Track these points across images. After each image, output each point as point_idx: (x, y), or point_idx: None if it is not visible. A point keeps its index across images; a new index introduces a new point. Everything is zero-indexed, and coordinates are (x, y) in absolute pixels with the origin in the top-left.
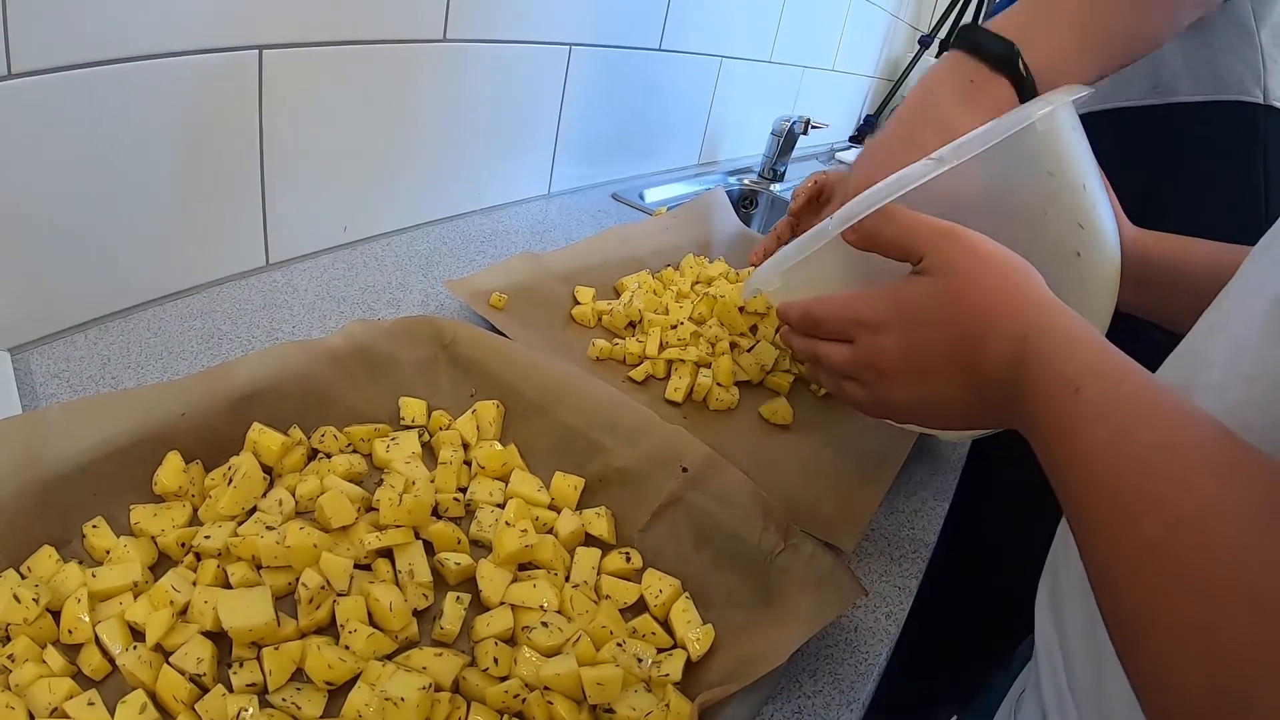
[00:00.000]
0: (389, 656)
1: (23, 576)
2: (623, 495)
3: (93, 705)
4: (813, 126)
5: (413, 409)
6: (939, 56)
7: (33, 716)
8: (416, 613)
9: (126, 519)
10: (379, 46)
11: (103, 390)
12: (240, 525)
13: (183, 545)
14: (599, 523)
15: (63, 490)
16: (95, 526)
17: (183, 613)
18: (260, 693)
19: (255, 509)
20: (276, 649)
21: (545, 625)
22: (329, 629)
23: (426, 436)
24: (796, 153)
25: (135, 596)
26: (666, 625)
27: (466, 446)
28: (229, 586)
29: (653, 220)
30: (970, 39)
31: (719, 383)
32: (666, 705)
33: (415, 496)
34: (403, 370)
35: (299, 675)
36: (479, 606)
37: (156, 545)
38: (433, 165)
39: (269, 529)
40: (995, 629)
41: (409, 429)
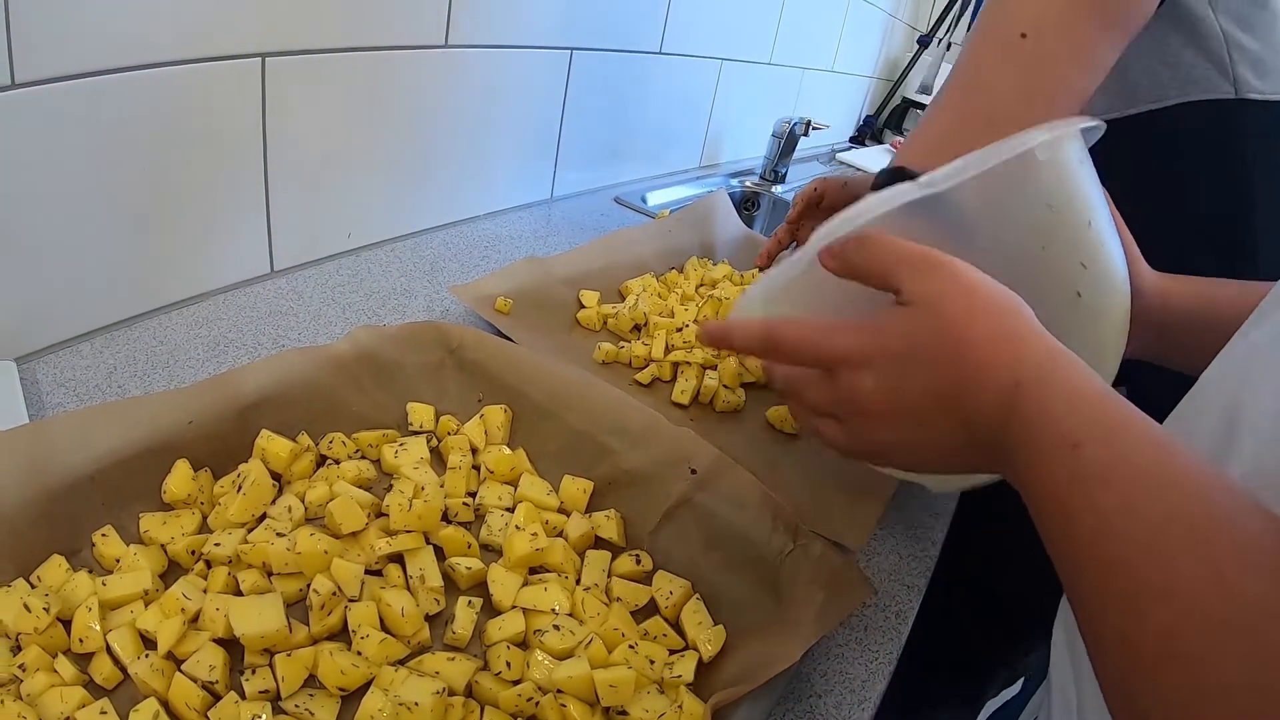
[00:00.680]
0: (401, 662)
1: (33, 586)
2: (632, 498)
3: (105, 714)
4: (813, 128)
5: (420, 414)
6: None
7: None
8: (428, 618)
9: (136, 527)
10: (381, 53)
11: (109, 399)
12: (250, 532)
13: (193, 553)
14: (608, 525)
15: (71, 499)
16: (104, 535)
17: (194, 620)
18: (273, 699)
19: (265, 516)
20: (289, 655)
21: (557, 628)
22: (341, 635)
23: (435, 442)
24: (797, 154)
25: (146, 605)
26: (678, 627)
27: (475, 451)
28: (240, 594)
29: (656, 223)
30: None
31: (725, 385)
32: (679, 707)
33: (425, 501)
34: (410, 376)
35: (311, 681)
36: (490, 611)
37: (166, 553)
38: (436, 171)
39: (279, 536)
40: (1000, 630)
41: (417, 434)
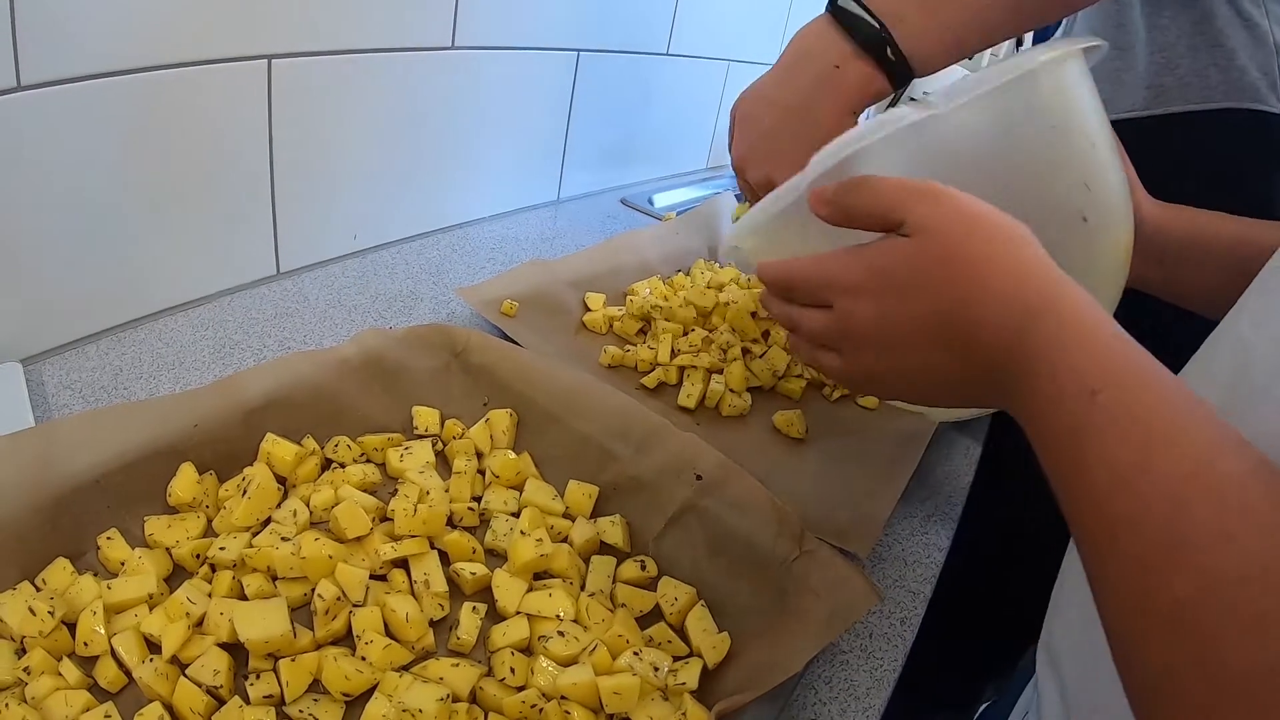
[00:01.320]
0: (406, 667)
1: (37, 589)
2: (637, 503)
3: (109, 718)
4: None
5: (426, 418)
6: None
7: None
8: (433, 623)
9: (141, 530)
10: (387, 55)
11: (115, 401)
12: (255, 536)
13: (198, 557)
14: (613, 531)
15: (77, 502)
16: (109, 538)
17: (198, 624)
18: (277, 704)
19: (270, 520)
20: (293, 660)
21: (561, 634)
22: (345, 640)
23: (440, 445)
24: None
25: (150, 608)
26: (682, 633)
27: (480, 455)
28: (244, 598)
29: (661, 226)
30: (844, 11)
31: (731, 389)
32: (683, 714)
33: (430, 506)
34: (415, 379)
35: (316, 687)
36: (495, 616)
37: (171, 557)
38: (441, 173)
39: (284, 540)
40: (998, 637)
41: (422, 438)
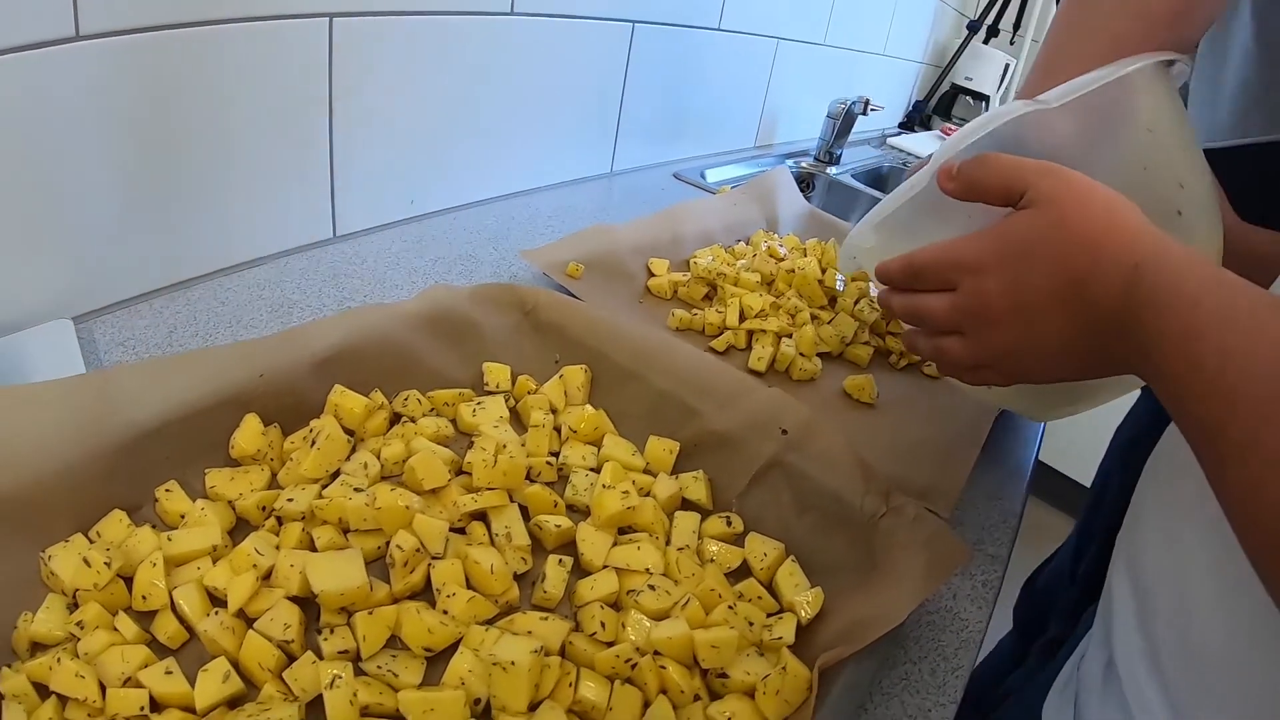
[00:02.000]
0: (489, 622)
1: (91, 542)
2: (719, 459)
3: (170, 674)
4: (871, 108)
5: (497, 374)
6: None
7: (104, 687)
8: (515, 577)
9: (201, 483)
10: (447, 18)
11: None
12: (325, 489)
13: (263, 509)
14: (696, 487)
15: (135, 452)
16: (169, 490)
17: (265, 578)
18: (353, 660)
19: (338, 473)
20: (370, 614)
21: (652, 588)
22: (422, 594)
23: (512, 402)
24: (850, 137)
25: (214, 561)
26: (772, 590)
27: (554, 412)
28: (314, 550)
29: (720, 197)
30: None
31: (801, 353)
32: (783, 669)
33: (511, 458)
34: (485, 335)
35: (393, 642)
36: (578, 571)
37: (234, 510)
38: (498, 140)
39: (357, 491)
40: (1077, 595)
41: (493, 394)
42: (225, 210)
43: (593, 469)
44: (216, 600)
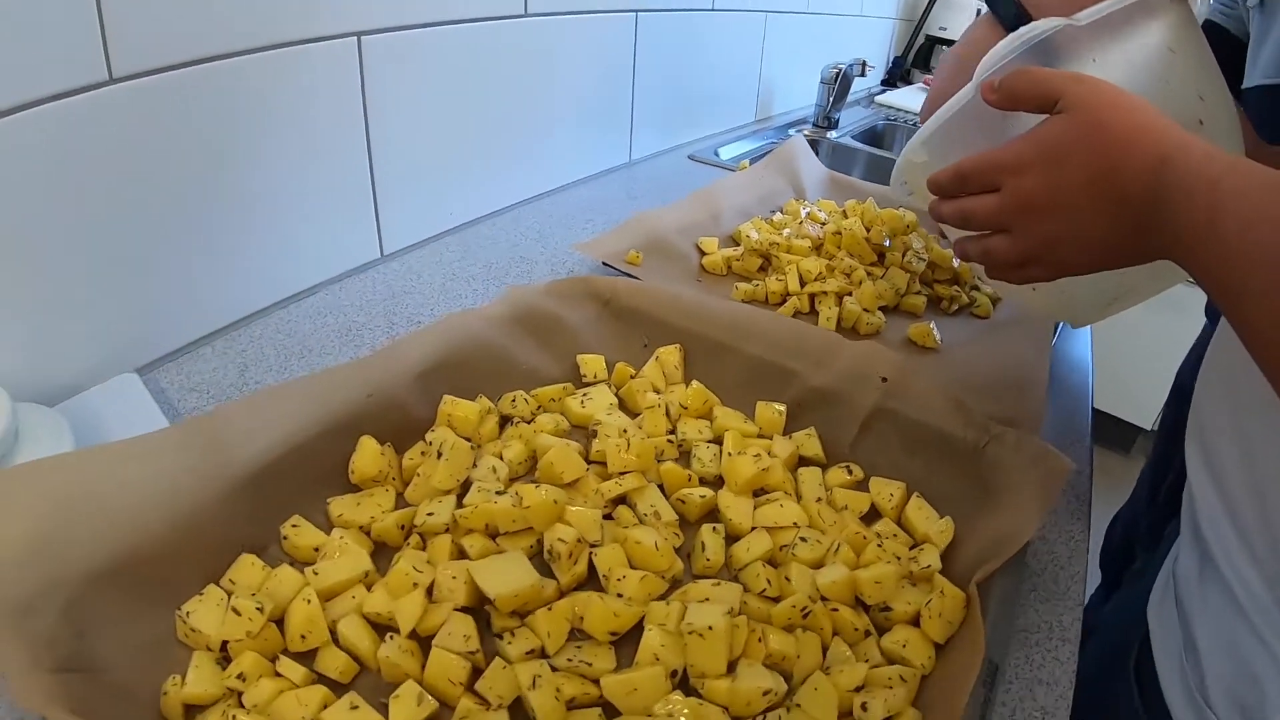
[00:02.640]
0: (661, 597)
1: (227, 591)
2: (825, 414)
3: (357, 709)
4: (869, 67)
5: (592, 365)
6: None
7: None
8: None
9: (323, 514)
10: (466, 26)
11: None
12: (461, 498)
13: (401, 528)
14: (810, 443)
15: (253, 492)
16: (295, 526)
17: (426, 594)
18: (540, 657)
19: (467, 483)
20: (550, 609)
21: (804, 540)
22: (587, 583)
23: (614, 389)
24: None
25: (368, 589)
26: (904, 526)
27: (658, 393)
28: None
29: (745, 173)
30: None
31: (865, 308)
32: (941, 593)
33: (645, 439)
34: (571, 329)
35: (570, 636)
36: (728, 537)
37: (368, 535)
38: (524, 143)
39: (499, 494)
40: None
41: (593, 385)
42: (274, 242)
43: (710, 441)
44: (377, 627)
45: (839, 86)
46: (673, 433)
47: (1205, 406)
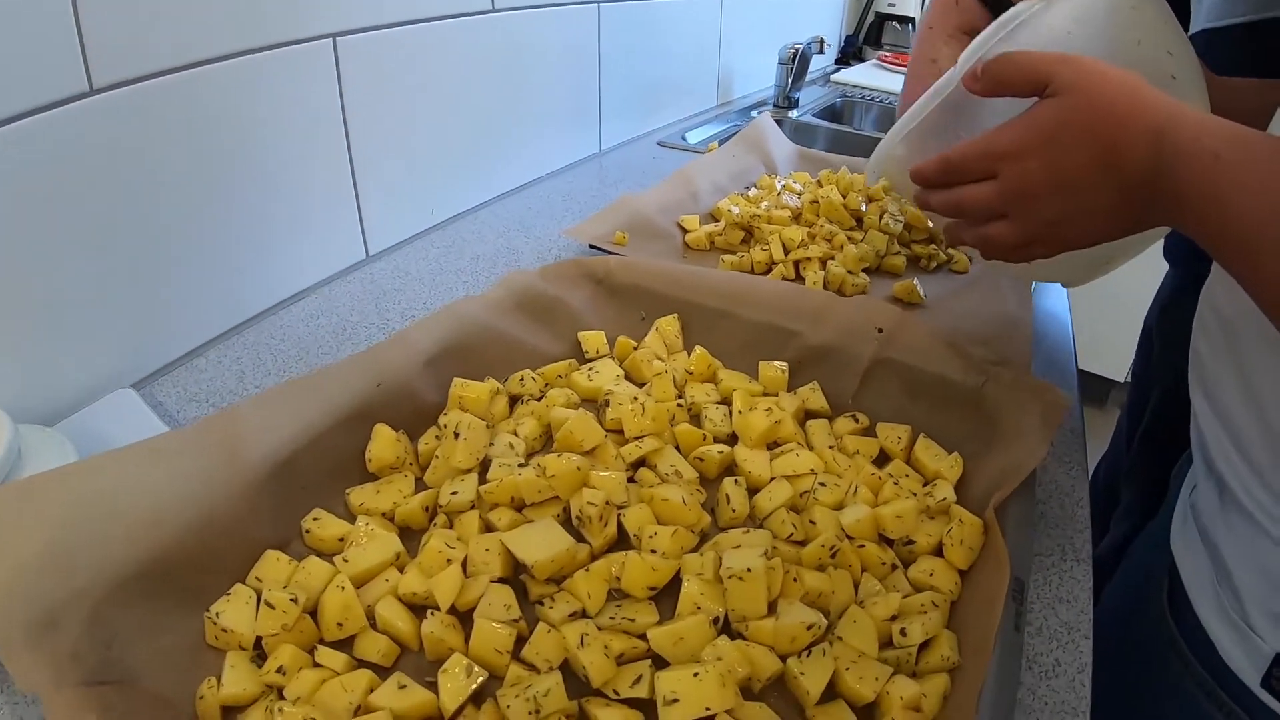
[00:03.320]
0: (694, 550)
1: (256, 590)
2: (826, 369)
3: (405, 688)
4: (827, 45)
5: (594, 341)
6: None
7: None
8: None
9: (342, 506)
10: (437, 24)
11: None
12: (482, 476)
13: (426, 509)
14: (815, 397)
15: (272, 488)
16: (317, 519)
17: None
18: (583, 618)
19: (487, 460)
20: (587, 571)
21: (823, 485)
22: (617, 544)
23: (618, 362)
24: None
25: (401, 570)
26: (914, 466)
27: (661, 361)
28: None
29: (716, 153)
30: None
31: (849, 270)
32: (960, 521)
33: (658, 402)
34: (570, 309)
35: (610, 596)
36: (748, 489)
37: (393, 520)
38: (500, 137)
39: (521, 467)
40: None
41: (596, 360)
42: (261, 248)
43: (718, 402)
44: (413, 607)
45: (797, 66)
46: (680, 398)
47: (1204, 350)
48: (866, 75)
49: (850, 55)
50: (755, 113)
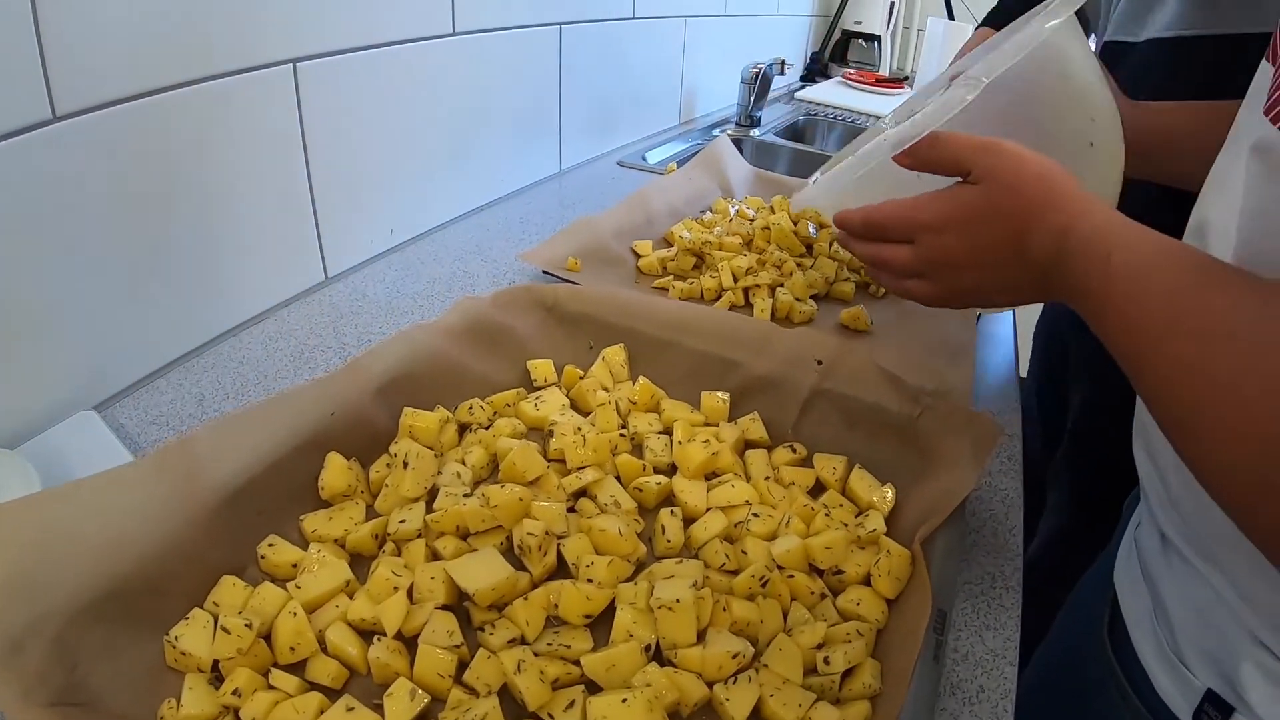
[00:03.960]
0: (629, 579)
1: (212, 614)
2: (767, 399)
3: (353, 710)
4: (788, 65)
5: (542, 369)
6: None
7: None
8: None
9: (296, 532)
10: (398, 47)
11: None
12: (430, 504)
13: (376, 537)
14: (755, 427)
15: (228, 515)
16: (272, 545)
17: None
18: (520, 645)
19: (435, 489)
20: (526, 599)
21: (756, 516)
22: (557, 573)
23: (565, 391)
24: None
25: (350, 596)
26: (848, 496)
27: (606, 390)
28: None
29: (674, 175)
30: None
31: (797, 297)
32: (887, 552)
33: (599, 433)
34: (519, 337)
35: (548, 623)
36: (685, 519)
37: (343, 547)
38: (459, 158)
39: (466, 496)
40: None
41: (543, 388)
42: (221, 271)
43: (660, 432)
44: (362, 632)
45: (759, 86)
46: (624, 427)
47: (1144, 411)
48: (831, 93)
49: (816, 72)
50: (716, 131)
